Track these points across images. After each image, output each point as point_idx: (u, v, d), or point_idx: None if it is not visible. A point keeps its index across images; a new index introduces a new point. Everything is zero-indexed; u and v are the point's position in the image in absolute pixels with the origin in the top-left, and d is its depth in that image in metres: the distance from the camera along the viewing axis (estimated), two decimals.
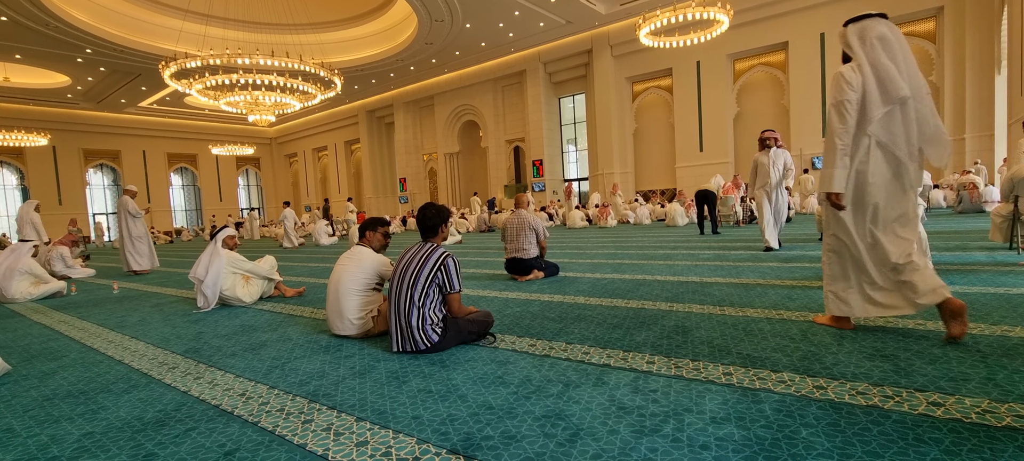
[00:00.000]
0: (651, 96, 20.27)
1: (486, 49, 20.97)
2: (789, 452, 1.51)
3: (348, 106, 29.51)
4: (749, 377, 2.13)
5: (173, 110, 27.93)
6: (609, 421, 1.80)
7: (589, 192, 18.95)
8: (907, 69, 2.50)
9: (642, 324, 3.14)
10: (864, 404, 1.80)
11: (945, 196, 12.48)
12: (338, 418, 2.00)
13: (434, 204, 3.06)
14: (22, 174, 26.33)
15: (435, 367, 2.54)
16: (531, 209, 5.85)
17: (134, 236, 8.52)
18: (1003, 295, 3.28)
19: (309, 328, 3.65)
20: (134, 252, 8.49)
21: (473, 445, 1.69)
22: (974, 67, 14.03)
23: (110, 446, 1.88)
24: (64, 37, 16.99)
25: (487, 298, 4.41)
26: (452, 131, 25.54)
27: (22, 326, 4.52)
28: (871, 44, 2.55)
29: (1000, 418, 1.63)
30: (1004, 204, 5.27)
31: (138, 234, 8.58)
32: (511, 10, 17.11)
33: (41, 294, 6.25)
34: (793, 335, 2.69)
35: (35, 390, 2.61)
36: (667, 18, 13.42)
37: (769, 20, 16.98)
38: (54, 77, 21.64)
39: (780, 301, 3.54)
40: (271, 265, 5.18)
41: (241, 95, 16.98)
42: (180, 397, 2.36)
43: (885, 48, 2.54)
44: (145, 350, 3.31)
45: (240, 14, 17.98)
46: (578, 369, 2.38)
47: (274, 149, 36.75)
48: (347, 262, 3.37)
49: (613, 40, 19.68)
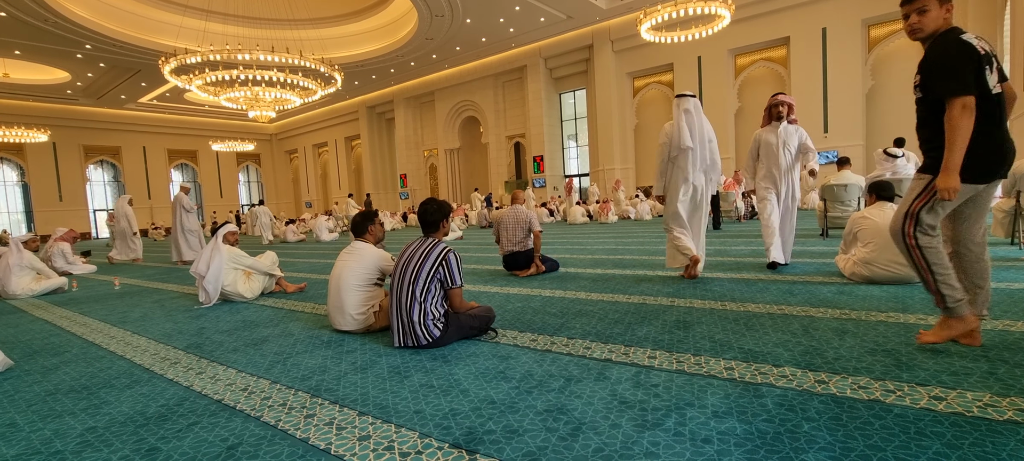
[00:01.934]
0: (652, 91, 20.23)
1: (487, 44, 20.92)
2: (791, 446, 1.52)
3: (348, 102, 29.48)
4: (751, 372, 2.13)
5: (173, 106, 27.92)
6: (611, 415, 1.80)
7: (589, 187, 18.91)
8: (698, 129, 4.31)
9: (643, 319, 3.14)
10: (866, 398, 1.80)
11: None
12: (340, 413, 2.00)
13: (435, 200, 3.06)
14: (22, 170, 26.34)
15: (437, 362, 2.55)
16: (529, 205, 5.76)
17: (187, 229, 9.24)
18: (1005, 290, 3.28)
19: (310, 323, 3.66)
20: (186, 244, 9.21)
21: (475, 439, 1.70)
22: None
23: (113, 440, 1.88)
24: (64, 33, 16.97)
25: (488, 293, 4.41)
26: (453, 127, 25.51)
27: (24, 322, 4.53)
28: (680, 112, 4.31)
29: (1002, 412, 1.64)
30: (1006, 199, 5.26)
31: (190, 227, 9.29)
32: (511, 5, 17.07)
33: (42, 290, 6.25)
34: (794, 330, 2.70)
35: (38, 385, 2.61)
36: (668, 13, 13.38)
37: (770, 15, 16.92)
38: (54, 73, 21.62)
39: (781, 296, 3.54)
40: (272, 261, 5.19)
41: (241, 91, 16.96)
42: (182, 392, 2.37)
43: (687, 116, 4.29)
44: (147, 345, 3.32)
45: (240, 9, 17.93)
46: (580, 364, 2.38)
47: (274, 145, 36.74)
48: (348, 258, 3.37)
49: (614, 35, 19.63)
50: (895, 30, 15.39)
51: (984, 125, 2.10)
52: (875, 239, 3.71)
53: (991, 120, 2.12)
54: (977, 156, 2.11)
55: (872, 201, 3.95)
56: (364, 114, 29.08)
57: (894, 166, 5.45)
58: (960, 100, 2.07)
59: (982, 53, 2.12)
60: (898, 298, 3.25)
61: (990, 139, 2.13)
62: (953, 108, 2.09)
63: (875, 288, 3.58)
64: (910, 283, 3.62)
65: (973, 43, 2.13)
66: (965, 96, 2.07)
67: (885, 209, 3.78)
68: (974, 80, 2.09)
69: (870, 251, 3.73)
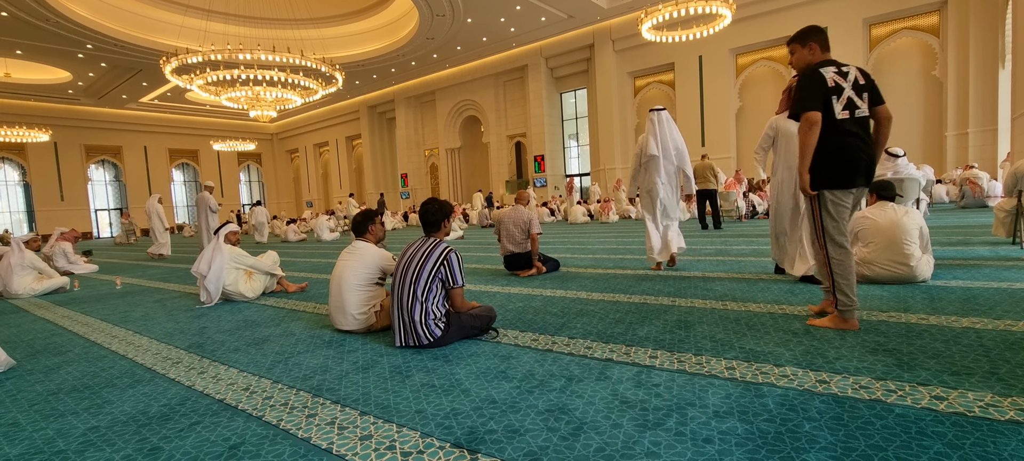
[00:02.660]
0: (653, 91, 20.20)
1: (487, 44, 20.91)
2: (792, 446, 1.52)
3: (349, 101, 29.48)
4: (752, 371, 2.13)
5: (174, 106, 27.93)
6: (612, 415, 1.80)
7: (590, 187, 18.90)
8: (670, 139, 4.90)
9: (644, 319, 3.14)
10: (867, 398, 1.80)
11: (948, 191, 12.44)
12: (342, 412, 2.00)
13: (436, 199, 3.07)
14: (24, 170, 26.37)
15: (438, 362, 2.55)
16: (531, 206, 5.75)
17: (212, 228, 9.69)
18: (1006, 290, 3.28)
19: (312, 323, 3.66)
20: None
21: (477, 439, 1.70)
22: (978, 61, 13.95)
23: (115, 440, 1.89)
24: (65, 33, 16.98)
25: (489, 293, 4.42)
26: (453, 126, 25.50)
27: (25, 321, 4.54)
28: (651, 124, 4.93)
29: (1003, 412, 1.64)
30: (1007, 199, 5.26)
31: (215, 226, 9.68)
32: (512, 4, 17.05)
33: (44, 289, 6.26)
34: (796, 330, 2.70)
35: (40, 385, 2.62)
36: (669, 12, 13.36)
37: (772, 14, 16.90)
38: (55, 73, 21.63)
39: (783, 296, 3.54)
40: (273, 260, 5.19)
41: (242, 91, 16.96)
42: (184, 391, 2.37)
43: (658, 127, 4.89)
44: (149, 345, 3.33)
45: (241, 9, 17.94)
46: (581, 364, 2.38)
47: (275, 145, 36.74)
48: (349, 257, 3.38)
49: (615, 34, 19.61)
50: (896, 29, 15.39)
51: (826, 141, 2.58)
52: (876, 239, 3.71)
53: (839, 136, 2.57)
54: (830, 166, 2.59)
55: (873, 200, 3.94)
56: (365, 114, 29.08)
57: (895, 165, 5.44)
58: (804, 116, 2.59)
59: (831, 85, 2.58)
60: (899, 298, 3.25)
61: (833, 153, 2.58)
62: (801, 123, 2.63)
63: (876, 288, 3.58)
64: (912, 283, 3.62)
65: (825, 75, 2.60)
66: (808, 112, 2.57)
67: (886, 209, 3.78)
68: (820, 102, 2.56)
69: (871, 251, 3.73)
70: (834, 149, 2.57)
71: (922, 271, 3.62)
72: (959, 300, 3.09)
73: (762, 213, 11.90)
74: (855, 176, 2.59)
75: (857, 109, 2.57)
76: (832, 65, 2.64)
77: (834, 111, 2.56)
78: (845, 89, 2.57)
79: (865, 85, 2.59)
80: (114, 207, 29.84)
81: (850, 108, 2.56)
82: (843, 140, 2.56)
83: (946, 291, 3.36)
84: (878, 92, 2.61)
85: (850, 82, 2.58)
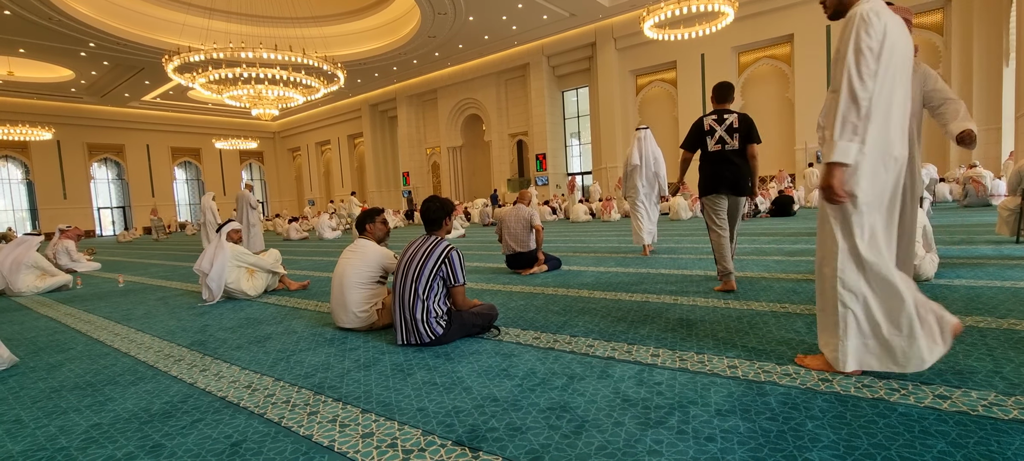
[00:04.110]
0: (655, 89, 20.17)
1: (489, 42, 20.89)
2: (795, 444, 1.51)
3: (351, 100, 29.49)
4: (754, 370, 2.13)
5: (176, 104, 27.98)
6: (614, 413, 1.80)
7: (592, 185, 18.88)
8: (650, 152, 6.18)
9: (646, 317, 3.14)
10: (870, 397, 1.80)
11: (951, 190, 12.40)
12: (343, 410, 2.00)
13: (438, 197, 3.06)
14: (27, 168, 26.45)
15: (440, 360, 2.55)
16: (533, 205, 5.78)
17: (251, 224, 9.92)
18: (1010, 288, 3.27)
19: (314, 321, 3.67)
20: (250, 238, 9.79)
21: (478, 437, 1.70)
22: (982, 59, 13.89)
23: (118, 437, 1.89)
24: (68, 31, 17.01)
25: (491, 291, 4.41)
26: (455, 125, 25.49)
27: (28, 319, 4.55)
28: (636, 141, 6.22)
29: (1007, 411, 1.63)
30: (1011, 198, 5.23)
31: (255, 222, 10.02)
32: (514, 3, 17.03)
33: (47, 287, 6.28)
34: (798, 328, 2.69)
35: (42, 382, 2.63)
36: (671, 10, 13.32)
37: (774, 12, 16.85)
38: (58, 71, 21.68)
39: (784, 295, 3.53)
40: (275, 258, 5.20)
41: (244, 89, 16.98)
42: (186, 389, 2.38)
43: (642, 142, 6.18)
44: (151, 343, 3.33)
45: (243, 8, 17.95)
46: (582, 362, 2.38)
47: (277, 143, 36.79)
48: (351, 255, 3.38)
49: (617, 33, 19.57)
50: None
51: (704, 165, 3.85)
52: None
53: (708, 162, 3.80)
54: (703, 181, 3.82)
55: None
56: (367, 112, 29.09)
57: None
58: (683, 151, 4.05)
59: (706, 129, 3.78)
60: None
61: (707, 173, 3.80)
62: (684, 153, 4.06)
63: None
64: (915, 282, 3.60)
65: (703, 120, 3.83)
66: (683, 149, 4.03)
67: None
68: (693, 141, 3.89)
69: None
70: (705, 171, 3.82)
71: (926, 270, 3.61)
72: (963, 299, 3.08)
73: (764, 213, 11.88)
74: (719, 186, 3.73)
75: (726, 144, 3.71)
76: (714, 114, 3.77)
77: (707, 145, 3.77)
78: (717, 131, 3.72)
79: (738, 128, 3.68)
80: (116, 205, 29.94)
81: (721, 143, 3.72)
82: (711, 166, 3.77)
83: (950, 290, 3.35)
84: (751, 134, 3.67)
85: (724, 126, 3.70)
